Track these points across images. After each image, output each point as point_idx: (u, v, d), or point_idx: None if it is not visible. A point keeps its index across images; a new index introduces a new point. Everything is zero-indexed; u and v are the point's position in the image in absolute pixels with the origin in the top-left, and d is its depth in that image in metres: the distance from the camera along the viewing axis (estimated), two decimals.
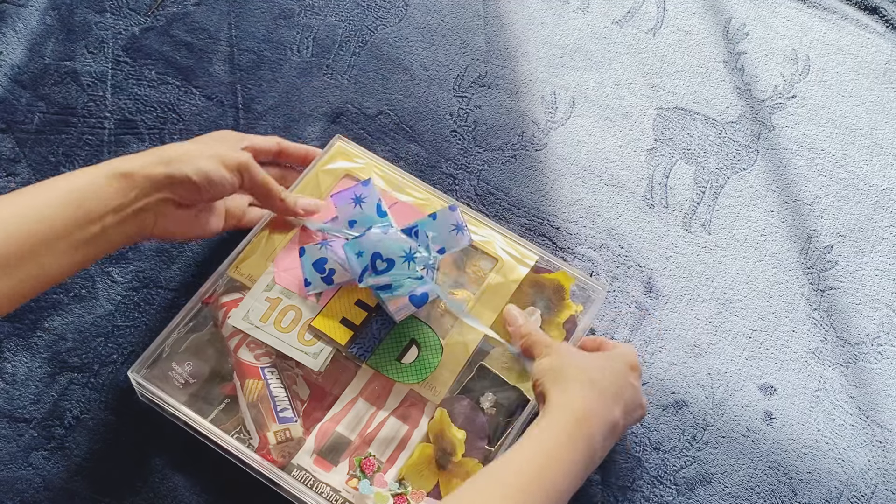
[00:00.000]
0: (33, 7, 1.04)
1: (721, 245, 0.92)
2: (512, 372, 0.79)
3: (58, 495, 0.77)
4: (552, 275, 0.83)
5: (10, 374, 0.82)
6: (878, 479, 0.81)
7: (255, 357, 0.78)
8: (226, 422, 0.77)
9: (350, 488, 0.74)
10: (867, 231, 0.94)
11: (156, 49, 1.02)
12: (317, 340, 0.79)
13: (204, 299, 0.81)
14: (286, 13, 1.05)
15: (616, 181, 0.95)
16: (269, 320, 0.79)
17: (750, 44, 1.05)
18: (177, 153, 0.73)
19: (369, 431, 0.76)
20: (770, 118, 1.00)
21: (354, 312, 0.80)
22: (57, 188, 0.68)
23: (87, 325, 0.85)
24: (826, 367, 0.86)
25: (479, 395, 0.78)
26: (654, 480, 0.80)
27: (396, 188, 0.87)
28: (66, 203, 0.67)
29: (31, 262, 0.65)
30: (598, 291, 0.83)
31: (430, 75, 1.01)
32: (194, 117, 0.97)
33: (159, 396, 0.76)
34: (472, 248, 0.84)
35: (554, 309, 0.82)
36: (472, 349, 0.79)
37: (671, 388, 0.84)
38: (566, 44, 1.04)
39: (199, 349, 0.80)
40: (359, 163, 0.88)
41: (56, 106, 0.98)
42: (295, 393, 0.78)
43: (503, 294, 0.81)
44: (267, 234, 0.84)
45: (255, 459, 0.74)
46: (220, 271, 0.82)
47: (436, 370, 0.78)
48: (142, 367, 0.78)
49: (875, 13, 1.08)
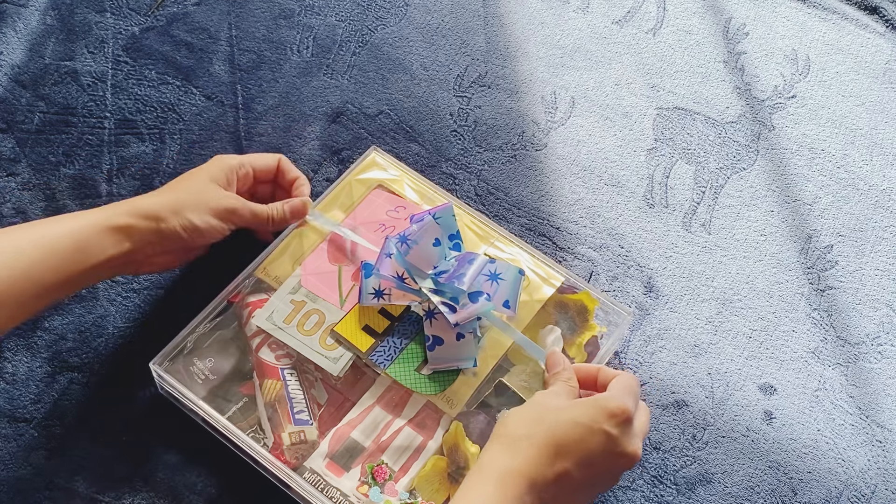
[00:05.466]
0: (33, 7, 1.04)
1: (721, 245, 0.92)
2: (531, 391, 0.78)
3: (58, 495, 0.77)
4: (576, 295, 0.83)
5: (11, 374, 0.82)
6: (878, 479, 0.81)
7: (276, 358, 0.78)
8: (242, 420, 0.77)
9: (360, 494, 0.74)
10: (867, 231, 0.94)
11: (156, 49, 1.02)
12: (338, 346, 0.79)
13: (230, 297, 0.82)
14: (286, 13, 1.05)
15: (616, 181, 0.95)
16: (292, 322, 0.80)
17: (750, 44, 1.05)
18: (168, 204, 0.76)
19: (384, 439, 0.76)
20: (770, 118, 1.00)
21: (377, 320, 0.80)
22: (55, 234, 0.72)
23: (87, 325, 0.85)
24: (826, 367, 0.86)
25: (496, 411, 0.77)
26: (654, 480, 0.80)
27: (428, 201, 0.87)
28: (62, 253, 0.72)
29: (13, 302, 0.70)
30: (622, 316, 0.82)
31: (430, 75, 1.01)
32: (194, 117, 0.97)
33: (178, 390, 0.77)
34: None
35: (577, 330, 0.82)
36: (492, 365, 0.79)
37: (671, 387, 0.84)
38: (566, 44, 1.04)
39: (221, 346, 0.80)
40: (392, 174, 0.89)
41: (56, 106, 0.98)
42: (313, 396, 0.78)
43: (527, 313, 0.81)
44: (297, 237, 0.84)
45: (268, 459, 0.74)
46: (247, 271, 0.82)
47: (454, 383, 0.78)
48: (164, 359, 0.78)
49: (875, 13, 1.08)
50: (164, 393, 0.80)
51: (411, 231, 0.80)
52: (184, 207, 0.77)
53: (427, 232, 0.80)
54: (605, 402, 0.67)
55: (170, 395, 0.79)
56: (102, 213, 0.75)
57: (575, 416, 0.66)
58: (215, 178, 0.80)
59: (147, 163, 0.95)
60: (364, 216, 0.86)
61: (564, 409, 0.67)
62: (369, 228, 0.85)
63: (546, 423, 0.66)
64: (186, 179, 0.81)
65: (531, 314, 0.81)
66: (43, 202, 0.92)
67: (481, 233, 0.85)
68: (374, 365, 0.78)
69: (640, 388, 0.84)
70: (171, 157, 0.95)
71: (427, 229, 0.80)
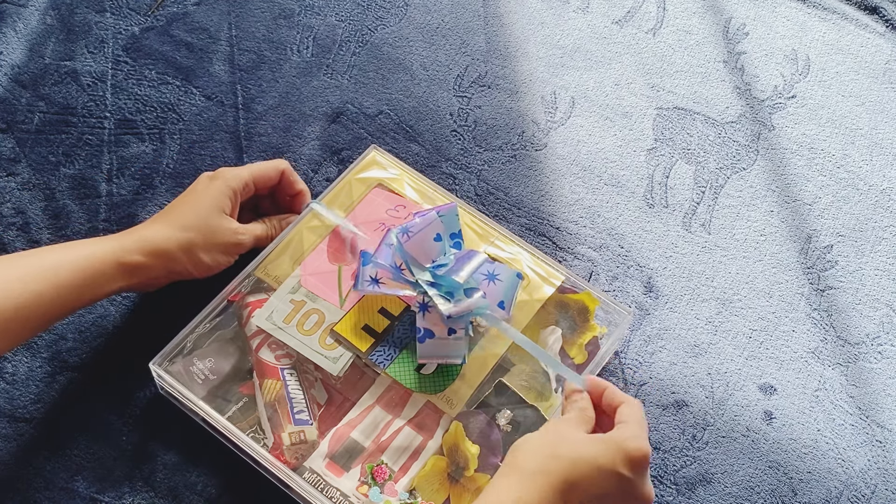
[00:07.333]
0: (33, 7, 1.04)
1: (721, 245, 0.92)
2: (531, 391, 0.78)
3: (58, 495, 0.77)
4: (577, 295, 0.82)
5: (11, 374, 0.82)
6: (878, 479, 0.81)
7: (276, 358, 0.78)
8: (242, 420, 0.77)
9: (360, 494, 0.74)
10: (867, 231, 0.94)
11: (156, 49, 1.02)
12: (338, 345, 0.79)
13: (230, 297, 0.82)
14: (286, 13, 1.05)
15: (616, 181, 0.95)
16: (292, 322, 0.80)
17: (750, 44, 1.05)
18: (179, 244, 0.78)
19: (384, 439, 0.76)
20: (770, 118, 1.00)
21: (377, 320, 0.80)
22: (62, 267, 0.73)
23: (87, 325, 0.85)
24: (826, 367, 0.86)
25: (496, 411, 0.78)
26: (654, 480, 0.80)
27: (428, 200, 0.87)
28: (69, 287, 0.73)
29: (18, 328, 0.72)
30: (623, 315, 0.82)
31: (430, 75, 1.01)
32: (194, 117, 0.97)
33: (178, 390, 0.77)
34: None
35: (577, 330, 0.82)
36: (492, 365, 0.79)
37: (671, 387, 0.84)
38: (566, 44, 1.04)
39: (221, 346, 0.80)
40: (392, 173, 0.89)
41: (56, 106, 0.98)
42: (312, 396, 0.78)
43: (527, 312, 0.81)
44: (296, 237, 0.84)
45: (267, 459, 0.74)
46: (247, 271, 0.82)
47: (454, 383, 0.78)
48: (164, 359, 0.78)
49: (875, 13, 1.08)
50: (164, 393, 0.80)
51: (414, 224, 0.80)
52: (195, 247, 0.78)
53: (429, 226, 0.80)
54: (625, 443, 0.65)
55: (170, 395, 0.79)
56: (111, 246, 0.75)
57: (592, 455, 0.64)
58: (223, 206, 0.80)
59: (147, 163, 0.95)
60: (364, 215, 0.86)
61: (582, 445, 0.65)
62: (369, 227, 0.85)
63: (562, 460, 0.64)
64: (195, 210, 0.79)
65: (531, 314, 0.81)
66: (43, 202, 0.92)
67: (482, 232, 0.85)
68: (373, 365, 0.78)
69: (640, 388, 0.84)
70: (171, 157, 0.95)
71: (430, 224, 0.80)
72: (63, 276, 0.72)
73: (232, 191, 0.81)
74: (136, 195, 0.92)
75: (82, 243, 0.76)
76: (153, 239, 0.77)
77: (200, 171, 0.93)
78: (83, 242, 0.76)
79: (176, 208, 0.80)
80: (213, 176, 0.82)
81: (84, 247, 0.75)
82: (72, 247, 0.75)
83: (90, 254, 0.74)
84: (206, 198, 0.80)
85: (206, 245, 0.79)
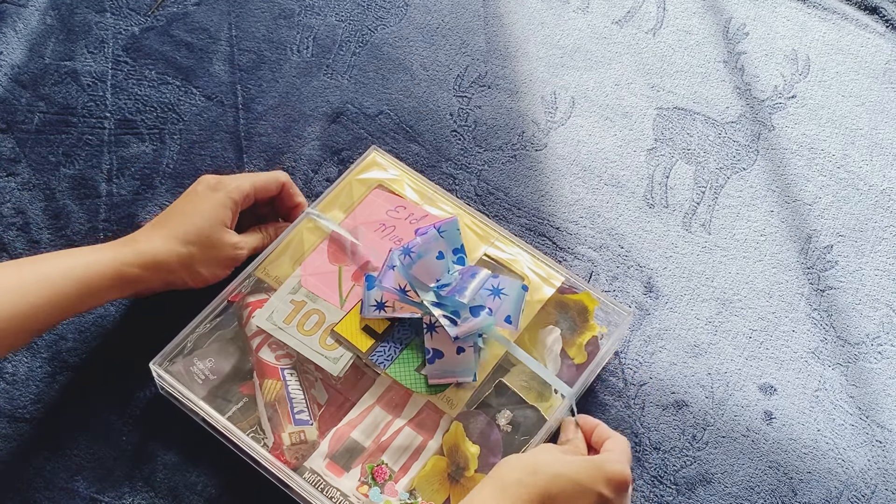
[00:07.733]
0: (33, 7, 1.04)
1: (721, 245, 0.92)
2: (531, 391, 0.78)
3: (58, 495, 0.77)
4: (577, 295, 0.82)
5: (11, 374, 0.82)
6: (878, 479, 0.81)
7: (276, 358, 0.78)
8: (242, 420, 0.77)
9: (360, 495, 0.74)
10: (867, 231, 0.94)
11: (156, 49, 1.02)
12: (338, 346, 0.79)
13: (230, 297, 0.82)
14: (286, 13, 1.05)
15: (616, 181, 0.95)
16: (292, 322, 0.80)
17: (750, 44, 1.05)
18: (179, 259, 0.78)
19: (384, 439, 0.76)
20: (770, 118, 1.00)
21: (377, 321, 0.80)
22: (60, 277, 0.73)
23: (87, 325, 0.85)
24: (826, 367, 0.86)
25: (496, 411, 0.78)
26: (654, 480, 0.80)
27: (428, 201, 0.87)
28: (67, 297, 0.73)
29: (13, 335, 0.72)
30: (623, 315, 0.82)
31: (430, 75, 1.01)
32: (194, 117, 0.97)
33: (178, 390, 0.77)
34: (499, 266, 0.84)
35: (577, 330, 0.82)
36: (492, 365, 0.79)
37: (671, 388, 0.84)
38: (566, 44, 1.04)
39: (222, 346, 0.80)
40: (392, 173, 0.89)
41: (56, 106, 0.98)
42: (313, 396, 0.78)
43: (527, 314, 0.81)
44: (296, 237, 0.84)
45: (267, 459, 0.74)
46: (247, 271, 0.82)
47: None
48: (164, 359, 0.78)
49: (875, 13, 1.08)
50: (164, 393, 0.80)
51: (415, 244, 0.80)
52: (195, 262, 0.78)
53: (431, 245, 0.80)
54: (605, 465, 0.67)
55: (170, 395, 0.79)
56: (110, 257, 0.75)
57: (572, 473, 0.66)
58: (224, 219, 0.80)
59: (147, 163, 0.95)
60: (364, 216, 0.86)
61: (563, 464, 0.67)
62: (369, 228, 0.85)
63: (542, 475, 0.66)
64: (196, 223, 0.79)
65: (531, 314, 0.81)
66: (43, 202, 0.92)
67: (481, 233, 0.85)
68: (374, 365, 0.78)
69: (640, 388, 0.84)
70: (170, 157, 0.95)
71: (431, 242, 0.80)
72: (60, 286, 0.73)
73: (234, 202, 0.81)
74: (136, 195, 0.92)
75: (80, 252, 0.76)
76: (153, 253, 0.77)
77: (200, 171, 0.94)
78: (81, 251, 0.76)
79: (175, 217, 0.79)
80: (215, 186, 0.80)
81: (82, 256, 0.75)
82: (69, 255, 0.75)
83: (88, 264, 0.74)
84: (207, 210, 0.79)
85: (205, 259, 0.79)
